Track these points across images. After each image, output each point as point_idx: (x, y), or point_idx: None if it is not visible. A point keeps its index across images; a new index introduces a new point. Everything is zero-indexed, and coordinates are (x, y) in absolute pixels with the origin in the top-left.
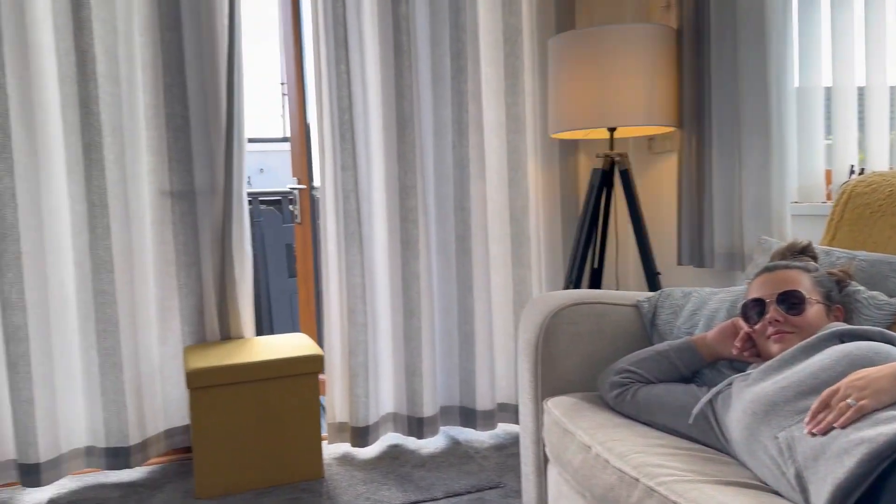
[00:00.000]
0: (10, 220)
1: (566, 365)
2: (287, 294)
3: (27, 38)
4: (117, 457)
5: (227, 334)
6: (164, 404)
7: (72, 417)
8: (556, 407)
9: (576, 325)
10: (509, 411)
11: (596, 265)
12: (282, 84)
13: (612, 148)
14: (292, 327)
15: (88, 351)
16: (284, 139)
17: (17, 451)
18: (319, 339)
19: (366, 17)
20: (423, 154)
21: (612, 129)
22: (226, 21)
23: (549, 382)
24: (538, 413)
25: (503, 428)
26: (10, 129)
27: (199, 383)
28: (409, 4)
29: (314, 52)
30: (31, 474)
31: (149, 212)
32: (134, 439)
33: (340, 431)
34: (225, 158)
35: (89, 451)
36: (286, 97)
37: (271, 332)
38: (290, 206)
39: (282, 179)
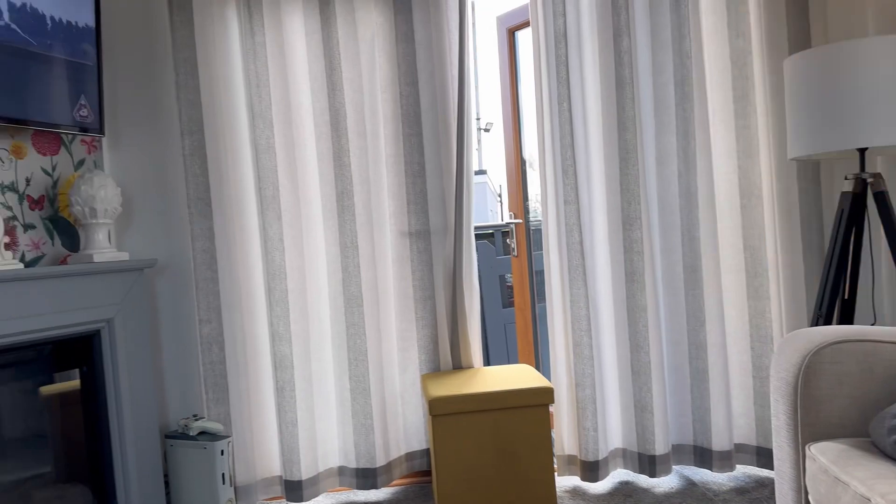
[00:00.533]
0: (279, 261)
1: (830, 408)
2: (501, 324)
3: (290, 100)
4: (366, 477)
5: (459, 364)
6: (405, 428)
7: (327, 439)
8: (823, 453)
9: (840, 365)
10: (749, 452)
11: (847, 296)
12: (477, 119)
13: (862, 169)
14: (507, 357)
15: (341, 378)
16: (481, 171)
17: (283, 468)
18: (540, 370)
19: (587, 54)
20: (646, 184)
21: (862, 150)
22: (455, 72)
23: (811, 426)
24: (798, 459)
25: (742, 470)
26: (279, 182)
27: (440, 411)
28: (632, 38)
29: (536, 92)
30: (294, 490)
31: (391, 251)
32: (380, 461)
33: (569, 464)
34: (456, 200)
35: (341, 471)
36: (482, 132)
37: (487, 360)
38: (507, 240)
39: (479, 210)
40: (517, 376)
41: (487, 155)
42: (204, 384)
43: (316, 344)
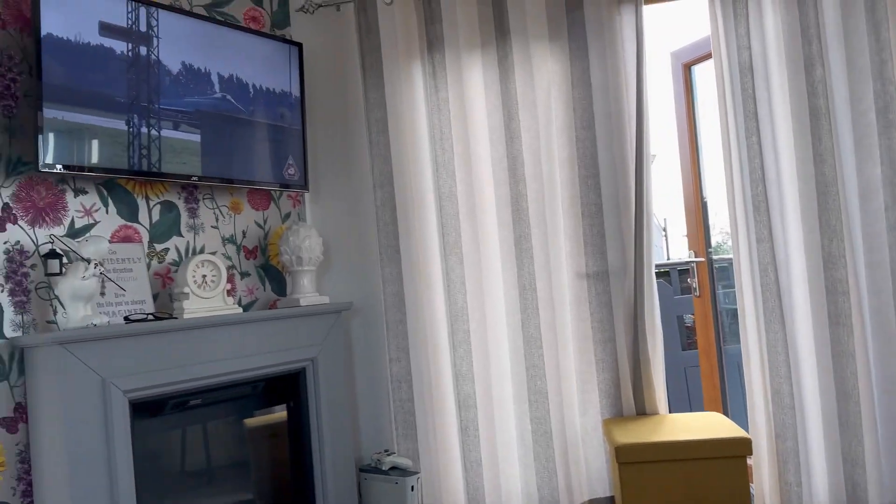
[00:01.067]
0: (461, 303)
1: None
2: (681, 367)
3: (470, 150)
4: None
5: (642, 409)
6: (588, 473)
7: (510, 480)
8: None
9: None
10: None
11: None
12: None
13: None
14: (689, 402)
15: (522, 419)
16: None
17: None
18: (729, 417)
19: (775, 86)
20: (849, 220)
21: None
22: (633, 111)
23: None
24: None
25: None
26: (460, 228)
27: (628, 458)
28: (825, 66)
29: (721, 127)
30: None
31: (568, 292)
32: None
33: None
34: (635, 240)
35: None
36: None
37: (668, 406)
38: (689, 280)
39: None
40: (709, 425)
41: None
42: (394, 420)
43: (497, 384)
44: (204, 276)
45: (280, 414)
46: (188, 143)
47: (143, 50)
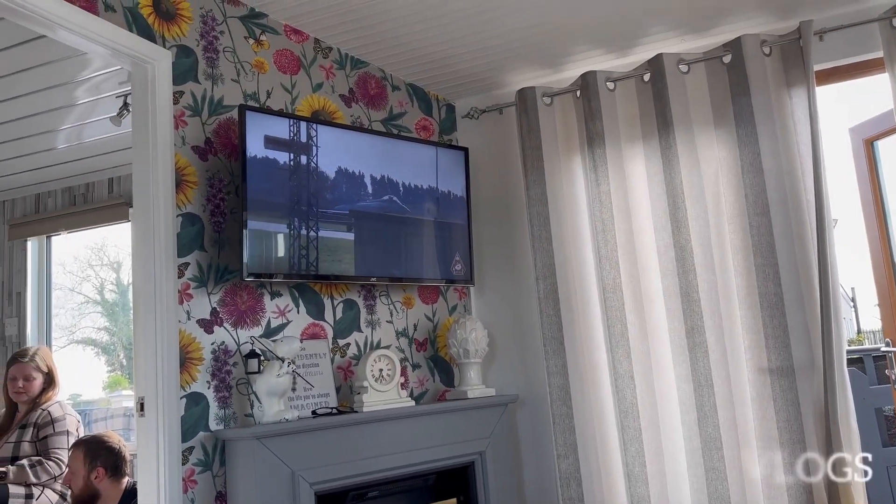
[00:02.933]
0: (630, 398)
1: None
2: (883, 466)
3: (634, 241)
4: None
5: None
6: None
7: None
8: None
9: None
10: None
11: None
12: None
13: None
14: None
15: None
16: None
17: None
18: None
19: None
20: None
21: None
22: (811, 197)
23: None
24: None
25: None
26: (626, 320)
27: None
28: None
29: None
30: None
31: (749, 389)
32: None
33: None
34: (822, 331)
35: None
36: None
37: None
38: (887, 371)
39: None
40: None
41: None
42: None
43: (674, 488)
44: (381, 370)
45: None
46: (373, 244)
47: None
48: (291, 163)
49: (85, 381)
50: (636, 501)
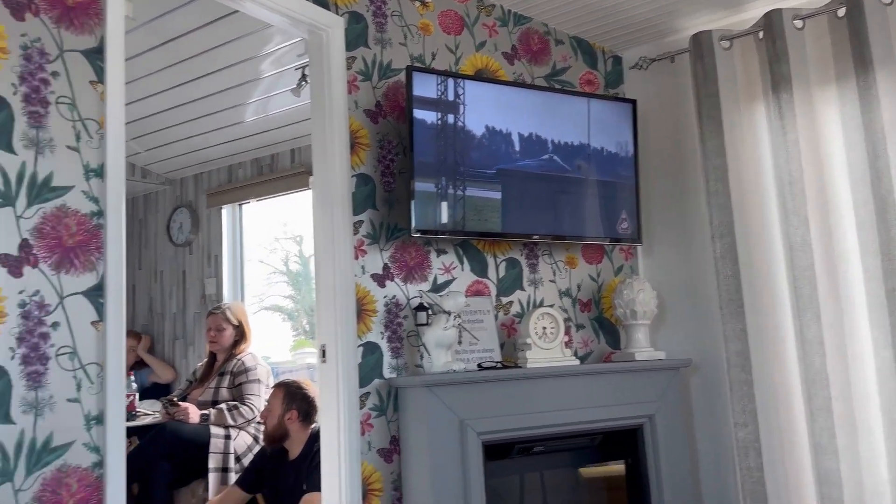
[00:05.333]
0: (818, 366)
1: None
2: None
3: (826, 194)
4: None
5: None
6: None
7: None
8: None
9: None
10: None
11: None
12: None
13: None
14: None
15: None
16: None
17: None
18: None
19: None
20: None
21: None
22: None
23: None
24: None
25: None
26: (816, 281)
27: None
28: None
29: None
30: None
31: None
32: None
33: None
34: None
35: None
36: None
37: None
38: None
39: None
40: None
41: None
42: (741, 490)
43: (868, 464)
44: (544, 328)
45: (615, 468)
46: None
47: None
48: (456, 122)
49: (274, 344)
50: (824, 475)
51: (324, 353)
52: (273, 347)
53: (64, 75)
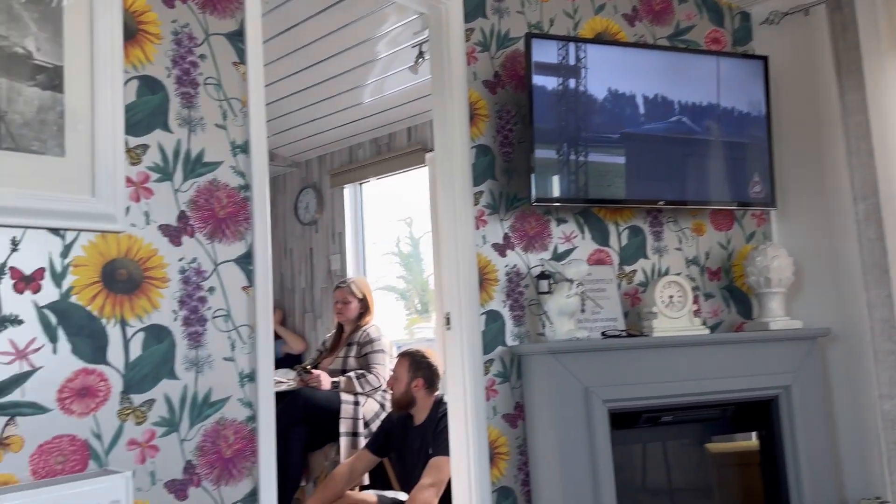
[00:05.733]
0: None
1: None
2: None
3: None
4: None
5: None
6: None
7: None
8: None
9: None
10: None
11: None
12: None
13: None
14: None
15: None
16: None
17: None
18: None
19: None
20: None
21: None
22: None
23: None
24: None
25: None
26: None
27: None
28: None
29: None
30: None
31: None
32: None
33: None
34: None
35: None
36: None
37: None
38: None
39: None
40: None
41: None
42: (887, 465)
43: None
44: (671, 297)
45: (747, 443)
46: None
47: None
48: (577, 87)
49: (390, 322)
50: None
51: (448, 321)
52: (388, 326)
53: (210, 58)
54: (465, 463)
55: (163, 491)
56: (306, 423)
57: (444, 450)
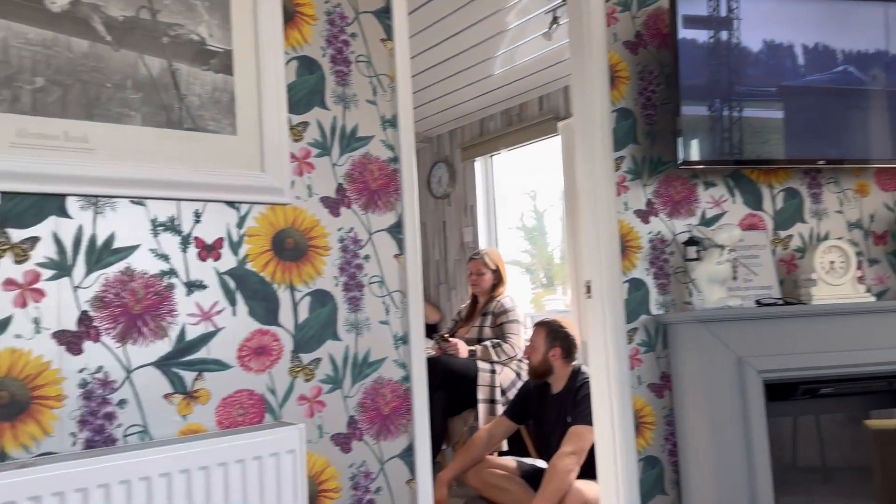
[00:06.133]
0: None
1: None
2: None
3: None
4: None
5: None
6: None
7: None
8: None
9: None
10: None
11: None
12: None
13: None
14: None
15: None
16: None
17: None
18: None
19: None
20: None
21: None
22: None
23: None
24: None
25: None
26: None
27: None
28: None
29: None
30: None
31: None
32: None
33: None
34: None
35: None
36: None
37: None
38: None
39: None
40: None
41: None
42: None
43: None
44: (832, 263)
45: None
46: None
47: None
48: (730, 40)
49: (516, 295)
50: None
51: (588, 289)
52: (516, 299)
53: (360, 35)
54: (609, 432)
55: (329, 443)
56: (445, 389)
57: (583, 418)
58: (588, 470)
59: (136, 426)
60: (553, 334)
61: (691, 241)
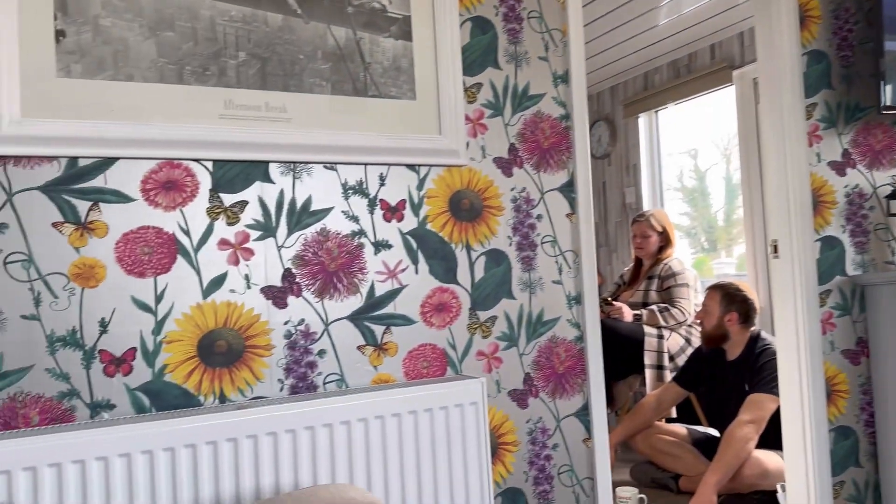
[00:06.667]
0: None
1: None
2: None
3: None
4: None
5: None
6: None
7: None
8: None
9: None
10: None
11: None
12: None
13: None
14: None
15: None
16: None
17: None
18: None
19: None
20: None
21: None
22: None
23: None
24: None
25: None
26: None
27: None
28: None
29: None
30: None
31: None
32: None
33: None
34: None
35: None
36: None
37: None
38: None
39: None
40: None
41: None
42: None
43: None
44: None
45: None
46: None
47: None
48: None
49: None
50: None
51: (776, 249)
52: (686, 262)
53: None
54: (797, 400)
55: (507, 399)
56: (609, 353)
57: (764, 387)
58: (766, 440)
59: (333, 374)
60: (729, 298)
61: (895, 195)
